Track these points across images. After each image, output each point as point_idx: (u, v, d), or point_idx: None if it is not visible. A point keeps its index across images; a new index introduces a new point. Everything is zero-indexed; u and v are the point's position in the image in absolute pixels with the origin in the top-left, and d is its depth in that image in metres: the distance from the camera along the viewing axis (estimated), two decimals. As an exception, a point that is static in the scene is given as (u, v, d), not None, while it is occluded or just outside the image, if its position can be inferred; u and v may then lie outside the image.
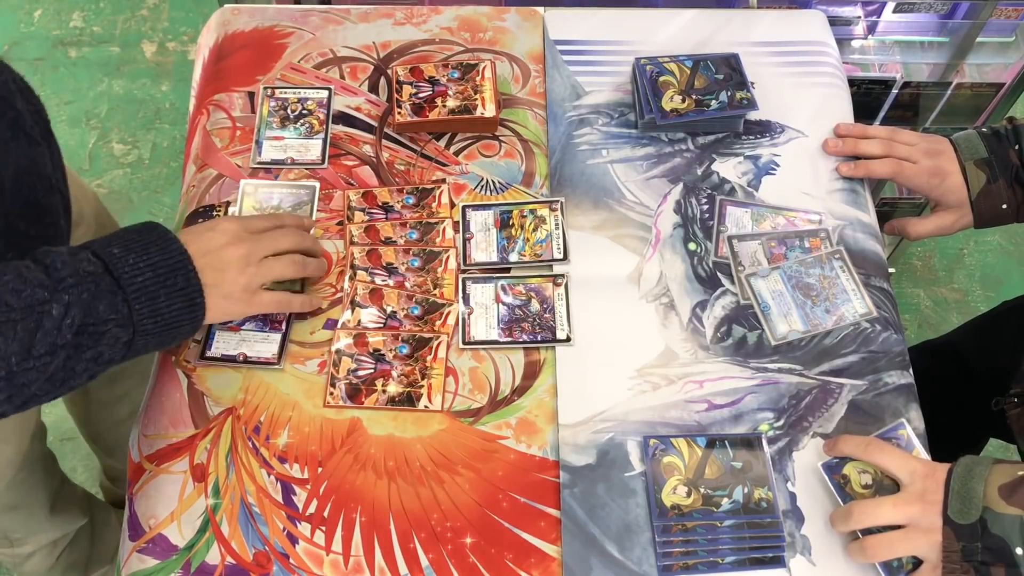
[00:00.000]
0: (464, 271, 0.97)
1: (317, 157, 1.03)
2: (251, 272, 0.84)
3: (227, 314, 0.85)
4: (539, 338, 0.93)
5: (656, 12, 1.19)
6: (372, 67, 1.11)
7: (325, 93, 1.07)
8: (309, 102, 1.07)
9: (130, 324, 0.75)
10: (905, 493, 0.80)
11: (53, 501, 1.19)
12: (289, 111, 1.05)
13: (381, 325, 0.93)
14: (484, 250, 0.98)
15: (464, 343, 0.93)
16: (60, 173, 1.00)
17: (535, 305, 0.95)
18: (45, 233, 0.94)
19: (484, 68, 1.09)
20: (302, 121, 1.05)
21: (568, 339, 0.93)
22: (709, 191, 1.03)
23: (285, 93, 1.07)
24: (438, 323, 0.93)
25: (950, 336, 1.35)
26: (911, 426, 0.88)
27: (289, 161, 1.03)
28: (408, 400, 0.90)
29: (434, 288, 0.96)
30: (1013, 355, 1.03)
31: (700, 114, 1.05)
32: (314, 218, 0.99)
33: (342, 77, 1.10)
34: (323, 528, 0.84)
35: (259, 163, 1.03)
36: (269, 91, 1.08)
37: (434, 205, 1.01)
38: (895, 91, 1.47)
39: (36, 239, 0.93)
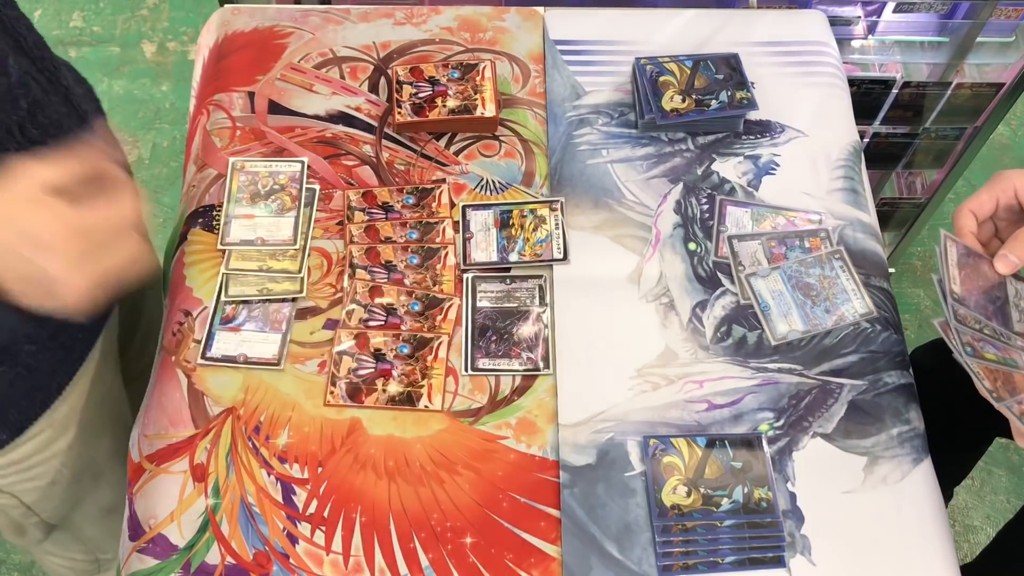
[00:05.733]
0: (464, 271, 0.97)
1: (288, 237, 0.97)
2: None
3: None
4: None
5: (656, 12, 1.19)
6: (372, 67, 1.11)
7: (298, 166, 1.01)
8: (281, 176, 1.00)
9: None
10: None
11: None
12: (260, 186, 0.99)
13: (382, 323, 0.93)
14: (484, 250, 0.98)
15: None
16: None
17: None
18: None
19: (484, 68, 1.09)
20: (273, 198, 0.99)
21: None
22: (709, 191, 1.03)
23: (256, 167, 1.01)
24: (438, 318, 0.94)
25: None
26: (911, 426, 0.88)
27: (259, 241, 0.97)
28: (408, 400, 0.90)
29: (433, 284, 0.96)
30: None
31: (700, 114, 1.05)
32: (313, 218, 0.99)
33: (342, 77, 1.10)
34: (323, 528, 0.84)
35: (226, 244, 0.96)
36: (239, 164, 1.01)
37: (434, 205, 1.01)
38: (895, 91, 1.47)
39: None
